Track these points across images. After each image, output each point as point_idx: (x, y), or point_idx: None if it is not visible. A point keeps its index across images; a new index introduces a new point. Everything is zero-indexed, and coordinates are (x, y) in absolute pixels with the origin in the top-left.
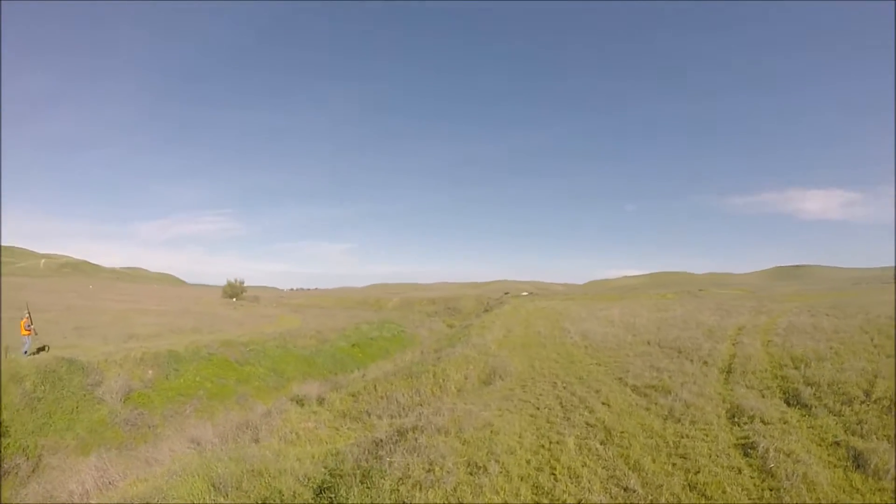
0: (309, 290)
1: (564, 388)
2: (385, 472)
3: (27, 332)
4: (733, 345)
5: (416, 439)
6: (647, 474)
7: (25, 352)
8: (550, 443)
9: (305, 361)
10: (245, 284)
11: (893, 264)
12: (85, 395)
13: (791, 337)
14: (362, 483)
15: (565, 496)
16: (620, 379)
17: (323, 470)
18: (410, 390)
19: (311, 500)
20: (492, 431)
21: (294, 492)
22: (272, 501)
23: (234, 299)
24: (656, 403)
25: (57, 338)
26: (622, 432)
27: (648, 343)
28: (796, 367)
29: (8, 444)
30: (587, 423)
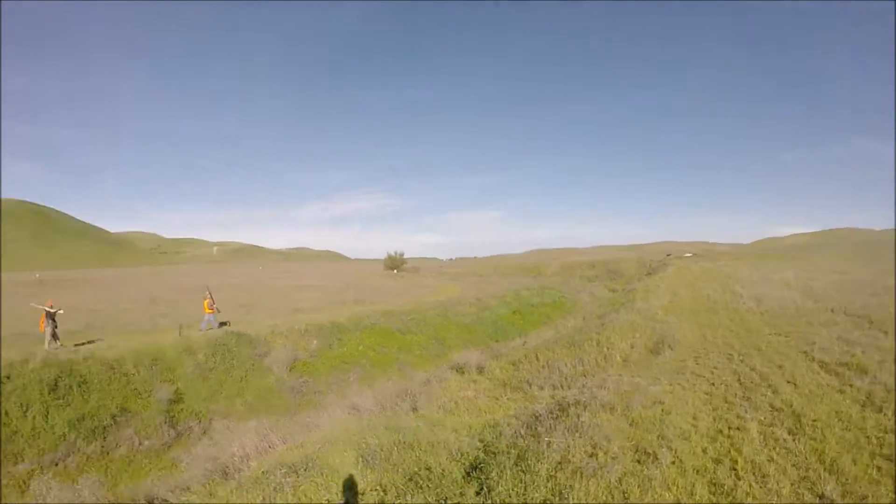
0: (467, 258)
1: (742, 361)
2: (542, 453)
3: (210, 311)
4: None
5: (578, 416)
6: (847, 479)
7: (202, 328)
8: (730, 428)
9: (466, 329)
10: (405, 256)
11: None
12: (253, 365)
13: None
14: (517, 465)
15: (749, 499)
16: (805, 353)
17: (478, 445)
18: (573, 359)
19: (460, 480)
20: (662, 410)
21: (444, 469)
22: (420, 477)
23: (395, 271)
24: (851, 385)
25: (225, 315)
26: (814, 420)
27: (832, 311)
28: None
29: (182, 408)
30: (771, 406)
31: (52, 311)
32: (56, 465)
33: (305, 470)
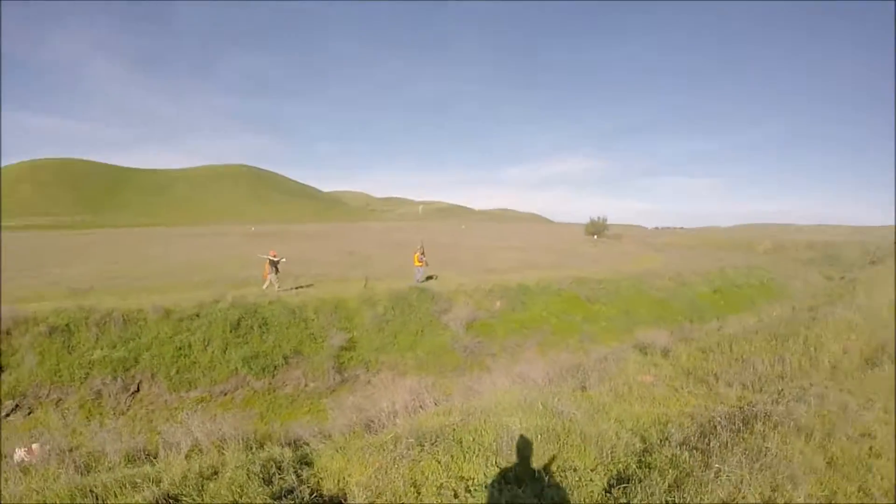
0: (673, 228)
1: None
2: (706, 483)
3: (420, 263)
4: None
5: (763, 437)
6: None
7: (417, 279)
8: None
9: (660, 305)
10: (608, 222)
11: None
12: (431, 321)
13: None
14: (668, 494)
15: None
16: None
17: (637, 447)
18: (772, 356)
19: (596, 494)
20: (871, 449)
21: (580, 477)
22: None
23: (596, 237)
24: None
25: (413, 269)
26: None
27: None
28: None
29: (352, 356)
30: None
31: (275, 259)
32: (225, 395)
33: (432, 444)
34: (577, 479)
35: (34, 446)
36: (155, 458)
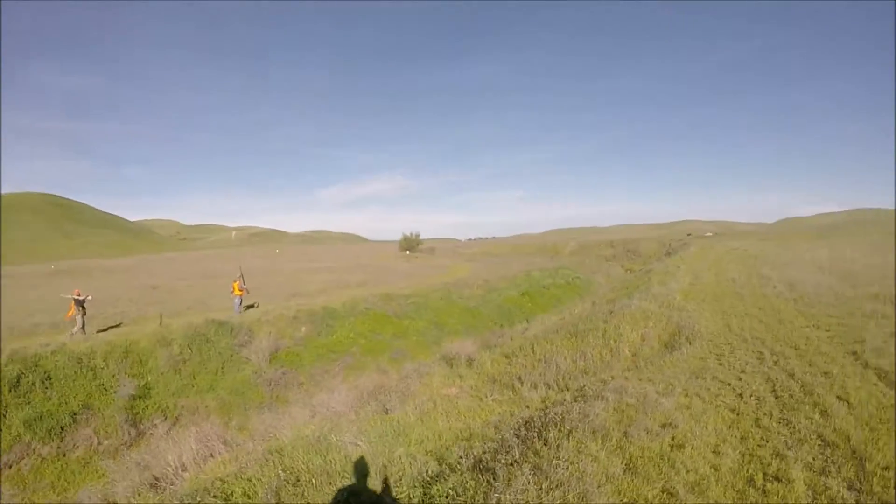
0: (486, 238)
1: (776, 363)
2: None
3: (240, 292)
4: None
5: (557, 446)
6: None
7: (237, 310)
8: (765, 476)
9: (469, 313)
10: (421, 237)
11: None
12: (231, 356)
13: None
14: None
15: None
16: (855, 354)
17: (432, 471)
18: (574, 352)
19: None
20: (673, 440)
21: None
22: None
23: (409, 252)
24: None
25: (221, 300)
26: (882, 468)
27: (877, 298)
28: None
29: (147, 405)
30: (820, 438)
31: (79, 298)
32: (10, 467)
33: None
34: None
35: None
36: None
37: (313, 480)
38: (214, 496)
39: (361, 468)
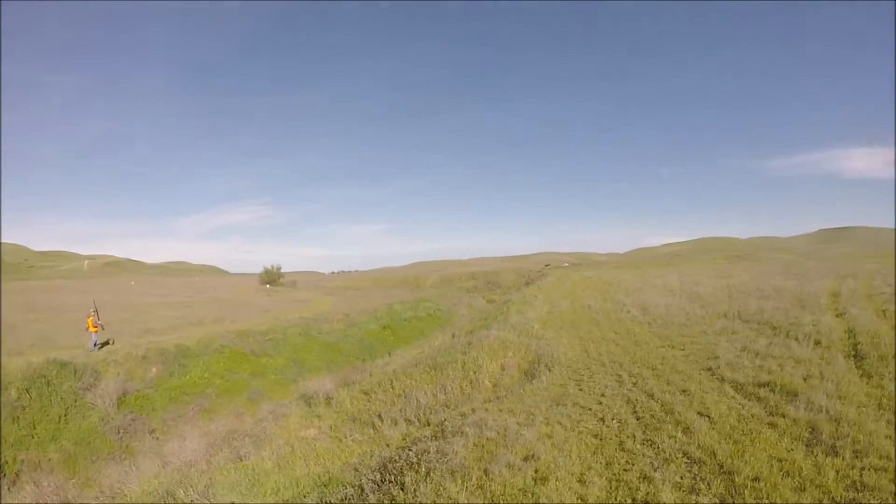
0: (349, 272)
1: (635, 384)
2: None
3: (94, 329)
4: (837, 316)
5: (414, 490)
6: None
7: (91, 348)
8: (634, 501)
9: (330, 348)
10: (283, 270)
11: None
12: (75, 401)
13: None
14: None
15: None
16: (710, 370)
17: None
18: (434, 386)
19: None
20: (536, 473)
21: None
22: None
23: (269, 286)
24: (783, 416)
25: (69, 336)
26: (752, 479)
27: (726, 316)
28: None
29: None
30: (685, 455)
31: None
32: None
33: None
34: None
35: None
36: None
37: None
38: None
39: None
